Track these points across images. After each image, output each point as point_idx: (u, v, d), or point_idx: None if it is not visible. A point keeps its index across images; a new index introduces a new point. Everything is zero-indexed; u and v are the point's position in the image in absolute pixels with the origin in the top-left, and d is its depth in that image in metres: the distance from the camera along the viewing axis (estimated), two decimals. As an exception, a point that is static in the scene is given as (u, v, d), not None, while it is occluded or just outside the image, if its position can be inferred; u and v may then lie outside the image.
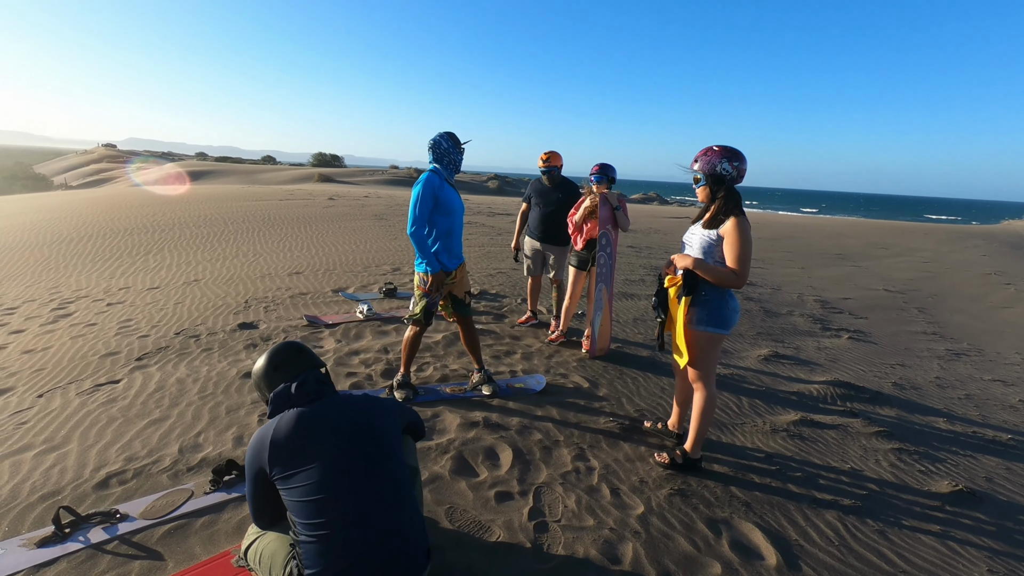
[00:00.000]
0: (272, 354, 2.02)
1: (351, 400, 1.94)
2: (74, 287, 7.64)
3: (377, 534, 1.71)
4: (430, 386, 3.90)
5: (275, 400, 1.88)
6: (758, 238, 16.26)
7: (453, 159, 3.48)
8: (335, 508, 1.70)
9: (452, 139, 3.49)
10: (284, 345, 2.05)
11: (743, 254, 2.71)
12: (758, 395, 4.33)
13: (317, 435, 1.79)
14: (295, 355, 2.02)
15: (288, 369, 1.98)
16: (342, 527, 1.69)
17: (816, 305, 8.13)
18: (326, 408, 1.87)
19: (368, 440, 1.84)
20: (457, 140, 3.52)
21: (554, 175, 4.97)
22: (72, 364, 4.53)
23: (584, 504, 2.69)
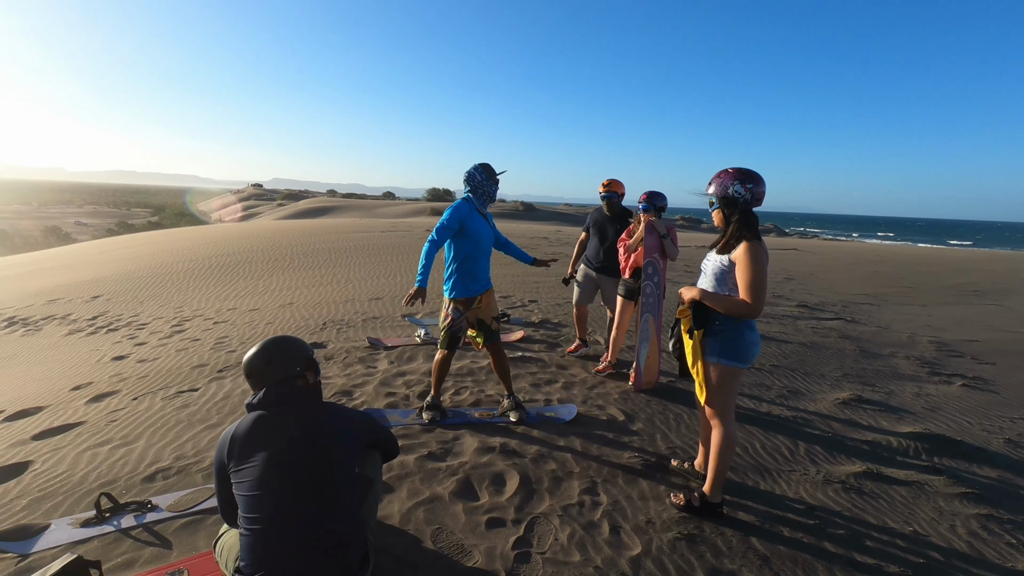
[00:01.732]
0: (264, 352, 2.10)
1: (317, 407, 2.06)
2: (194, 307, 8.71)
3: (306, 536, 1.77)
4: (461, 409, 3.97)
5: (249, 402, 2.03)
6: (875, 272, 14.73)
7: (487, 190, 3.60)
8: (269, 504, 1.80)
9: (486, 171, 3.62)
10: (273, 342, 2.14)
11: (755, 281, 2.52)
12: (820, 441, 3.90)
13: (270, 435, 1.91)
14: (281, 353, 2.10)
15: (276, 366, 2.07)
16: (272, 524, 1.78)
17: (930, 347, 7.16)
18: (287, 411, 1.99)
19: (317, 446, 1.92)
20: (491, 172, 3.63)
21: (614, 202, 4.93)
22: (170, 373, 5.16)
23: (577, 539, 2.58)
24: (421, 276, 3.35)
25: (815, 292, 10.80)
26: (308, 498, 1.83)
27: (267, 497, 1.81)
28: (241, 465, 1.88)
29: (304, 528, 1.79)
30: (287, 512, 1.80)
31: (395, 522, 2.62)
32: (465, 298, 3.62)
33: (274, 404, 2.01)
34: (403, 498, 2.83)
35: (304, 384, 2.11)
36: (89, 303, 9.79)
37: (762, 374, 5.29)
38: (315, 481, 1.86)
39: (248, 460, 1.88)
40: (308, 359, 2.15)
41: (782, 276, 12.75)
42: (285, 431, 1.94)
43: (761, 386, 4.95)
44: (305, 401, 2.06)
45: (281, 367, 2.08)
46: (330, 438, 1.98)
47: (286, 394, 2.03)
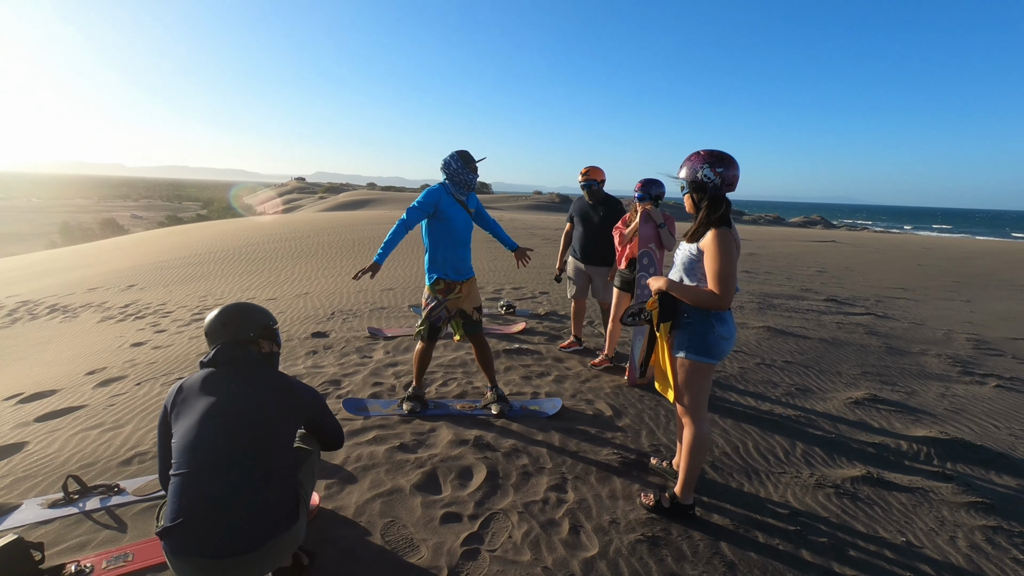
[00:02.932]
0: (223, 313, 2.17)
1: (267, 373, 2.09)
2: (217, 296, 8.96)
3: (231, 484, 1.80)
4: (443, 400, 3.92)
5: (202, 360, 2.08)
6: (918, 266, 13.96)
7: (462, 178, 3.51)
8: (200, 451, 1.84)
9: (462, 158, 3.52)
10: (234, 307, 2.21)
11: (722, 271, 2.36)
12: (821, 443, 3.67)
13: (214, 388, 1.97)
14: (237, 317, 2.17)
15: (230, 328, 2.13)
16: (200, 470, 1.81)
17: (966, 345, 6.71)
18: (236, 372, 2.03)
19: (257, 407, 1.95)
20: (468, 160, 3.54)
21: (595, 189, 4.77)
22: (178, 360, 5.30)
23: (532, 538, 2.48)
24: (380, 253, 3.30)
25: (848, 286, 10.29)
26: (239, 451, 1.85)
27: (199, 444, 1.84)
28: (181, 413, 1.94)
29: (231, 478, 1.81)
30: (216, 461, 1.83)
31: (349, 513, 2.59)
32: (443, 284, 3.55)
33: (223, 363, 2.05)
34: (363, 489, 2.79)
35: (257, 351, 2.16)
36: (124, 292, 10.21)
37: (772, 370, 5.05)
38: (248, 436, 1.89)
39: (189, 409, 1.93)
40: (266, 328, 2.21)
41: (814, 269, 12.21)
42: (228, 387, 1.98)
43: (768, 383, 4.72)
44: (255, 365, 2.09)
45: (235, 330, 2.14)
46: (271, 401, 2.00)
47: (237, 356, 2.07)
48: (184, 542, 1.75)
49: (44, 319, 8.70)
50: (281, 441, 1.98)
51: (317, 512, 2.56)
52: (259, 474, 1.86)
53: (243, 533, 1.78)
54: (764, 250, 15.43)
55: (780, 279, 10.31)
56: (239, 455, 1.86)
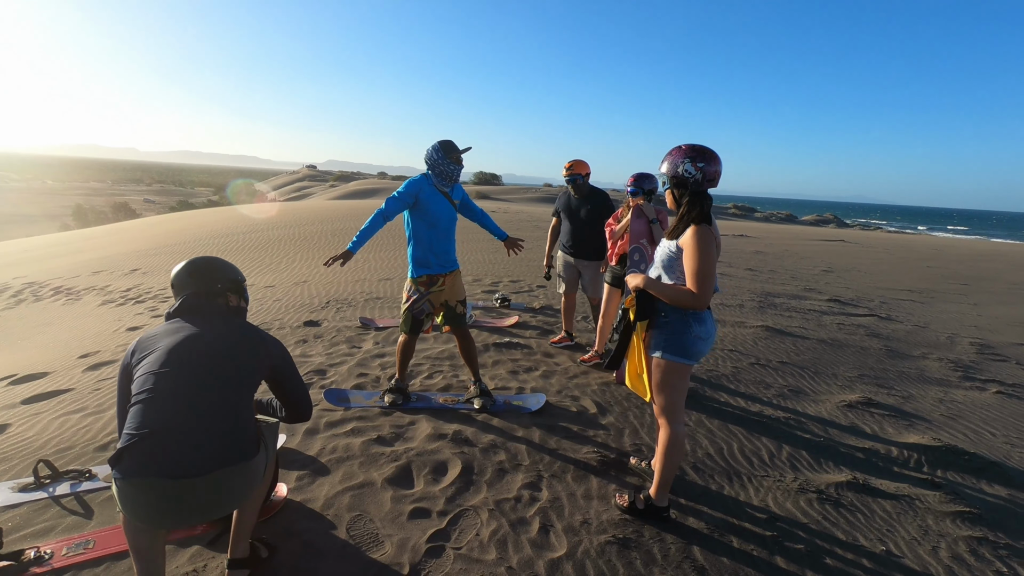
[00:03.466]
0: (190, 264, 2.15)
1: (233, 323, 2.07)
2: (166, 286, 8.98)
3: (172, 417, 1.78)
4: (426, 393, 3.88)
5: (168, 311, 2.09)
6: (927, 267, 13.71)
7: (443, 169, 3.44)
8: (162, 381, 1.83)
9: (443, 149, 3.44)
10: (201, 259, 2.19)
11: (699, 269, 2.29)
12: (808, 446, 3.60)
13: (177, 332, 1.96)
14: (205, 268, 2.15)
15: (196, 279, 2.11)
16: (148, 403, 1.80)
17: (970, 349, 6.58)
18: (201, 322, 2.02)
19: (220, 351, 1.94)
20: (449, 150, 3.45)
21: (579, 184, 4.70)
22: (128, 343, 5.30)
23: (499, 536, 2.45)
24: (354, 241, 3.26)
25: (853, 286, 10.14)
26: (201, 382, 1.85)
27: (161, 375, 1.83)
28: (144, 356, 1.92)
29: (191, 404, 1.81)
30: (177, 388, 1.82)
31: (317, 506, 2.56)
32: (426, 277, 3.51)
33: (188, 312, 2.05)
34: (334, 482, 2.76)
35: (224, 303, 2.15)
36: (127, 275, 10.26)
37: (766, 371, 4.97)
38: (211, 371, 1.89)
39: (150, 351, 1.92)
40: (234, 282, 2.20)
41: (820, 269, 12.04)
42: (193, 329, 1.97)
43: (760, 384, 4.65)
44: (221, 316, 2.08)
45: (201, 281, 2.12)
46: (237, 344, 1.99)
47: (203, 307, 2.07)
48: (137, 462, 1.72)
49: (48, 301, 8.76)
50: (244, 381, 1.95)
51: (284, 504, 2.53)
52: (220, 404, 1.85)
53: (199, 455, 1.76)
54: (771, 248, 15.23)
55: (784, 278, 10.17)
56: (201, 386, 1.85)
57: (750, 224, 33.76)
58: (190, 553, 2.23)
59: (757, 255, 13.63)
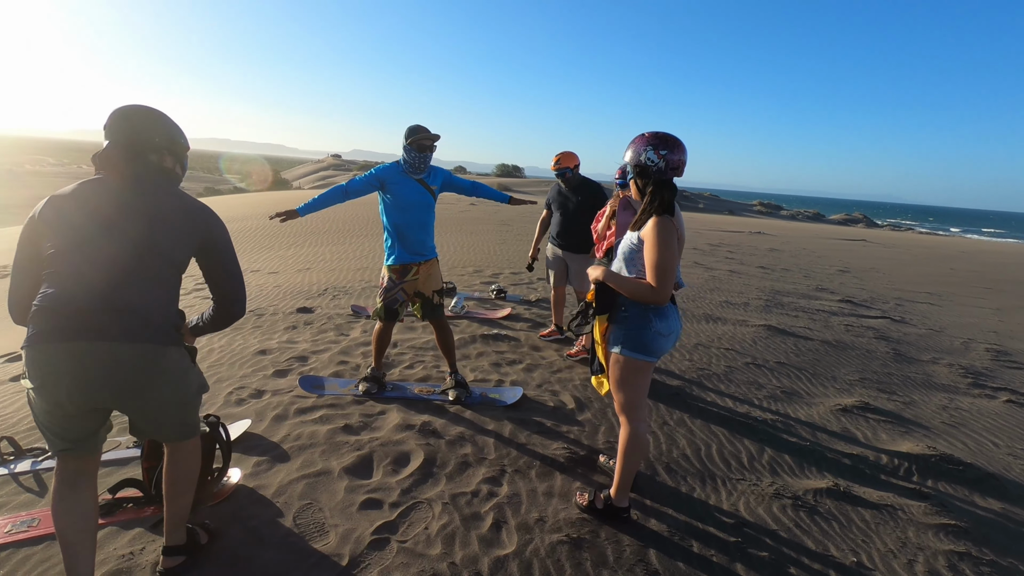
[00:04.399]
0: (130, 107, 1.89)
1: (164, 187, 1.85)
2: (225, 268, 9.07)
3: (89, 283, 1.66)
4: (403, 383, 3.84)
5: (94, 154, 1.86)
6: (950, 269, 13.23)
7: (407, 157, 3.37)
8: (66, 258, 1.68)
9: (406, 135, 3.37)
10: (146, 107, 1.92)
11: (659, 262, 2.19)
12: (793, 451, 3.47)
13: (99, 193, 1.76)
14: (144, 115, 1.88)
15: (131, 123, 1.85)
16: (56, 270, 1.67)
17: (984, 355, 6.31)
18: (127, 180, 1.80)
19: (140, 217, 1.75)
20: (408, 134, 3.34)
21: (568, 177, 4.59)
22: (163, 328, 5.35)
23: (448, 531, 2.39)
24: (305, 205, 3.28)
25: (869, 287, 9.82)
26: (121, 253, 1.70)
27: (73, 239, 1.69)
28: (56, 215, 1.72)
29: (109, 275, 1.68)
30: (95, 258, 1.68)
31: (269, 493, 2.53)
32: (399, 266, 3.46)
33: (112, 165, 1.81)
34: (292, 469, 2.74)
35: (157, 163, 1.88)
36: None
37: (761, 371, 4.82)
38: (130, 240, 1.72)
39: (65, 216, 1.72)
40: (174, 141, 1.93)
41: (836, 268, 11.70)
42: (114, 188, 1.77)
43: (753, 384, 4.50)
44: (151, 177, 1.84)
45: (138, 128, 1.85)
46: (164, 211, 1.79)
47: (132, 161, 1.82)
48: (40, 328, 1.62)
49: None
50: (168, 253, 1.78)
51: (235, 490, 2.51)
52: (136, 273, 1.71)
53: (101, 319, 1.64)
54: (787, 246, 14.86)
55: (796, 277, 9.90)
56: (118, 250, 1.70)
57: (772, 222, 33.10)
58: (131, 536, 2.22)
59: (772, 253, 13.31)
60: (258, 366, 4.07)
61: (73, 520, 1.77)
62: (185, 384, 1.89)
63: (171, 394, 1.84)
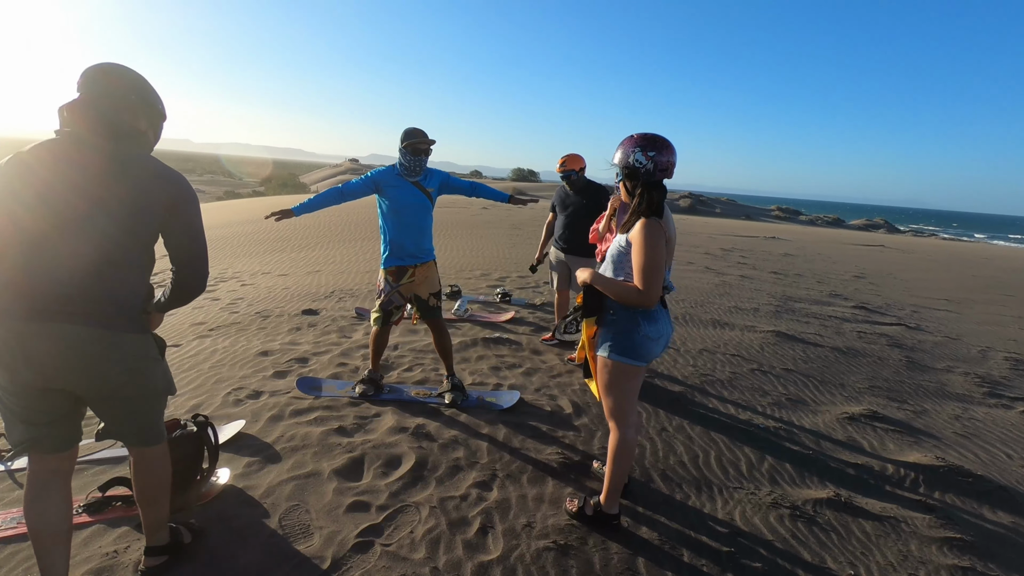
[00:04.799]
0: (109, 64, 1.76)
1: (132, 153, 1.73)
2: (237, 269, 9.17)
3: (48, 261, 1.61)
4: (400, 386, 3.83)
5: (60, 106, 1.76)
6: (971, 276, 12.91)
7: (402, 160, 3.40)
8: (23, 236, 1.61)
9: (404, 140, 3.39)
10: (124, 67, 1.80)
11: (645, 265, 2.16)
12: (795, 459, 3.39)
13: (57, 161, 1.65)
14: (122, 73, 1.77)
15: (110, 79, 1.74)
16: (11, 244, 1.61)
17: (1003, 364, 6.13)
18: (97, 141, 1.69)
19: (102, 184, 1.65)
20: (403, 138, 3.38)
21: (574, 180, 4.57)
22: (171, 329, 5.42)
23: (434, 535, 2.37)
24: (300, 205, 3.32)
25: (885, 293, 9.62)
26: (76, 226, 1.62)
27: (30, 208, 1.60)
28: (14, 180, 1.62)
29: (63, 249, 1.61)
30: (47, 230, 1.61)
31: (257, 494, 2.53)
32: (394, 268, 3.46)
33: (76, 123, 1.69)
34: (282, 470, 2.74)
35: (128, 123, 1.75)
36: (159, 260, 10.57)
37: (766, 378, 4.73)
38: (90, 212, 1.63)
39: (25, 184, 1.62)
40: (151, 105, 1.81)
41: (851, 274, 11.48)
42: (80, 153, 1.66)
43: (758, 391, 4.42)
44: (120, 138, 1.72)
45: (113, 83, 1.73)
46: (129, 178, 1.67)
47: (102, 119, 1.69)
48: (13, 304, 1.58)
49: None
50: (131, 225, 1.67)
51: (223, 490, 2.52)
52: (96, 247, 1.63)
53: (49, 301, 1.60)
54: (802, 251, 14.63)
55: (810, 282, 9.73)
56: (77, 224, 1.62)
57: (790, 227, 32.65)
58: (117, 534, 2.23)
59: (785, 258, 13.11)
60: (259, 367, 4.09)
61: (47, 522, 1.76)
62: (147, 376, 1.81)
63: (132, 383, 1.76)
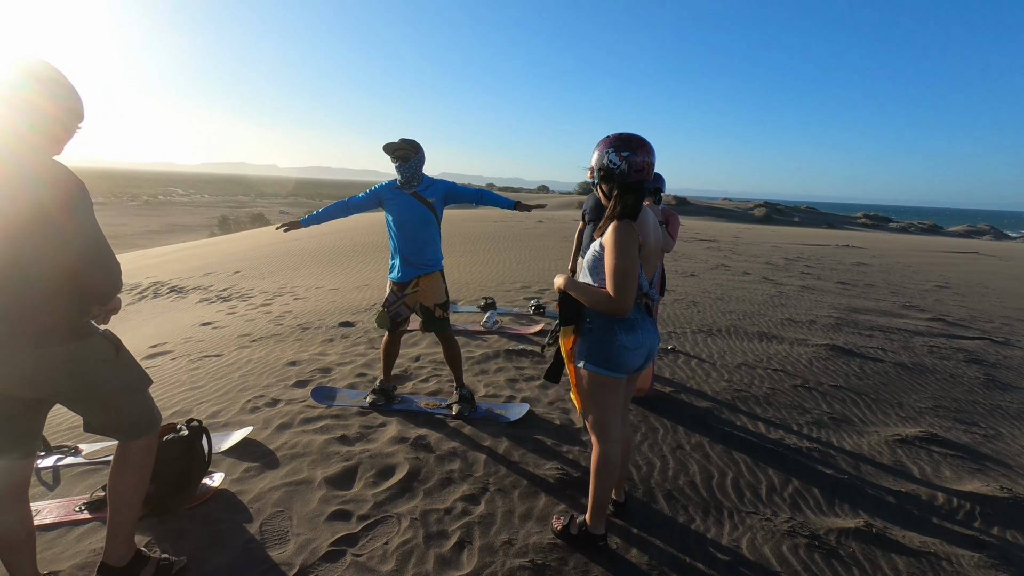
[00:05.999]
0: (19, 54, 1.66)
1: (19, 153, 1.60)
2: (294, 284, 9.65)
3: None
4: (412, 396, 3.84)
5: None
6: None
7: (396, 170, 3.43)
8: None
9: (386, 151, 3.43)
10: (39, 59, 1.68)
11: (617, 269, 2.04)
12: (826, 484, 3.08)
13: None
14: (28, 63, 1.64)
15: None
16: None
17: (1108, 385, 5.35)
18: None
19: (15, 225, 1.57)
20: (389, 153, 3.41)
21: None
22: (219, 339, 5.74)
23: (407, 548, 2.32)
24: (307, 217, 3.44)
25: (971, 304, 8.69)
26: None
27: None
28: None
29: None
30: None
31: (247, 499, 2.59)
32: (397, 280, 3.51)
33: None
34: (277, 476, 2.79)
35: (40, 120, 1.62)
36: (229, 277, 11.32)
37: (810, 395, 4.37)
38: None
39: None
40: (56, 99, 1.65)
41: (933, 284, 10.46)
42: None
43: (796, 409, 4.08)
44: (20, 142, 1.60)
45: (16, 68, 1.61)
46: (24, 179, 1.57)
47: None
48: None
49: (163, 298, 9.87)
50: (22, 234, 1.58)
51: (214, 493, 2.60)
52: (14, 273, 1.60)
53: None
54: (878, 260, 13.52)
55: (882, 293, 8.96)
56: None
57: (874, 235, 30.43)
58: (108, 531, 2.34)
59: (857, 267, 12.17)
60: (283, 376, 4.24)
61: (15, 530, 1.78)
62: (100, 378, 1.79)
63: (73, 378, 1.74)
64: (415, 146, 3.40)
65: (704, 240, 16.46)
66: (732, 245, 15.16)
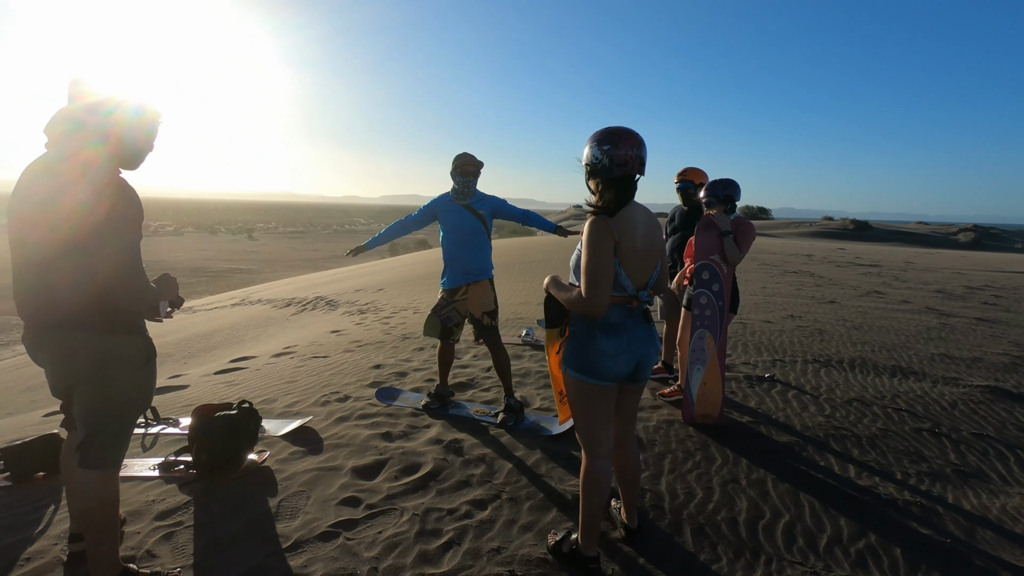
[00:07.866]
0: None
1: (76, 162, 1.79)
2: (420, 301, 10.36)
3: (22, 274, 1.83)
4: (466, 403, 3.92)
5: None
6: None
7: (454, 183, 3.58)
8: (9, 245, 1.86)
9: (455, 162, 3.58)
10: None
11: (588, 267, 1.93)
12: (916, 545, 2.50)
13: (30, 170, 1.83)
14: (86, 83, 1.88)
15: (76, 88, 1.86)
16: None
17: None
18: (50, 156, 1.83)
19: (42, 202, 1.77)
20: (457, 163, 3.56)
21: (689, 192, 4.18)
22: (333, 344, 6.39)
23: (396, 540, 2.35)
24: (372, 239, 3.69)
25: None
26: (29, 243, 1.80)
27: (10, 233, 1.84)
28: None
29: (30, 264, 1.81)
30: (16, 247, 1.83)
31: (281, 477, 2.84)
32: (448, 288, 3.64)
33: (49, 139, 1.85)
34: (315, 462, 3.02)
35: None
36: (374, 293, 12.53)
37: (937, 441, 3.60)
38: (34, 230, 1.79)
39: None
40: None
41: None
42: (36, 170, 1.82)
43: (910, 455, 3.39)
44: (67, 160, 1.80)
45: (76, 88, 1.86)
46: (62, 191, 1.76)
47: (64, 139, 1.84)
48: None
49: (319, 310, 11.23)
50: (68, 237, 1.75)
51: (256, 468, 2.89)
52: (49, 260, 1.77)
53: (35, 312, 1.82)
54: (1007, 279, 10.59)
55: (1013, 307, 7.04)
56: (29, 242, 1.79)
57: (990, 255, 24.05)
58: (163, 490, 2.72)
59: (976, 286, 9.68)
60: (363, 377, 4.59)
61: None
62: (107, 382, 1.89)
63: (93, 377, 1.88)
64: (481, 165, 3.59)
65: (863, 264, 14.40)
66: (898, 271, 13.06)
